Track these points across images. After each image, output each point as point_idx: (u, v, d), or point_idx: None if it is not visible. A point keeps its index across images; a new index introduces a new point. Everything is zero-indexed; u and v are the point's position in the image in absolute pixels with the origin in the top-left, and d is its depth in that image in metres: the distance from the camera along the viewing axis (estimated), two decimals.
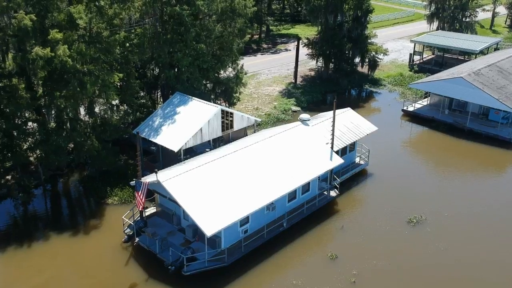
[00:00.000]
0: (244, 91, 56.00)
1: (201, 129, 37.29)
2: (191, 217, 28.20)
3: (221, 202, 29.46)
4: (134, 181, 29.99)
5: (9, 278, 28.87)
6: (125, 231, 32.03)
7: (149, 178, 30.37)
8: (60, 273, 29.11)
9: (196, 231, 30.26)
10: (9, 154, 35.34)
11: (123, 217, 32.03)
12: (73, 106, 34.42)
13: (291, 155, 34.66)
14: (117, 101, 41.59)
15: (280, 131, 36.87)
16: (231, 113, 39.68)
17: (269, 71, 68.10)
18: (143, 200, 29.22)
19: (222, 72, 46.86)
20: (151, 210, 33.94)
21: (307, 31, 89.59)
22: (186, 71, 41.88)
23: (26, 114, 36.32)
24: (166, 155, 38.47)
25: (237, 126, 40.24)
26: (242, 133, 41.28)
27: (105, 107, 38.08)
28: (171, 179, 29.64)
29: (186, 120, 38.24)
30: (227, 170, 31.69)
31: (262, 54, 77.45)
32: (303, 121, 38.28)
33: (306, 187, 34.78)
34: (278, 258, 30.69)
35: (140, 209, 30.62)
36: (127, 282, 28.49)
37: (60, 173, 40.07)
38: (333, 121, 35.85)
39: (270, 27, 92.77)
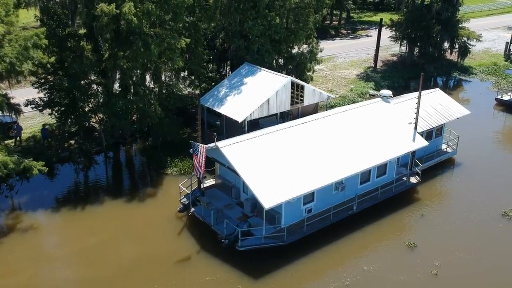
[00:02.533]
0: (318, 70, 52.63)
1: (268, 100, 34.49)
2: (249, 187, 25.47)
3: (284, 174, 26.48)
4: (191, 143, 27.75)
5: (64, 236, 27.81)
6: (181, 200, 29.97)
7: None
8: (113, 237, 27.60)
9: (255, 205, 27.49)
10: (72, 116, 34.50)
11: (180, 185, 29.99)
12: (136, 68, 32.83)
13: (367, 132, 30.90)
14: (185, 73, 39.98)
15: (357, 106, 33.16)
16: (302, 86, 36.52)
17: (347, 55, 64.06)
18: (201, 165, 26.90)
19: (295, 47, 43.76)
20: (210, 181, 31.67)
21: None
22: (257, 42, 39.25)
23: (92, 77, 35.49)
24: (230, 127, 36.07)
25: (307, 100, 37.01)
26: (313, 109, 37.97)
27: (170, 74, 36.29)
28: (231, 145, 27.08)
29: (253, 91, 35.62)
30: (293, 141, 28.61)
31: (340, 39, 73.43)
32: (384, 98, 34.26)
33: (382, 169, 30.88)
34: (345, 243, 27.20)
35: (197, 176, 28.31)
36: (178, 252, 26.33)
37: (123, 141, 38.99)
38: (419, 98, 31.60)
39: (351, 14, 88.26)
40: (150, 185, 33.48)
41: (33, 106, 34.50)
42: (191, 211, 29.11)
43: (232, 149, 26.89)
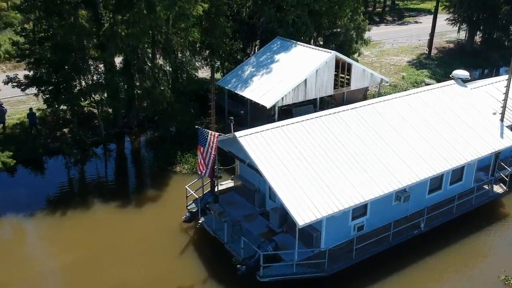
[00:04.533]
0: (363, 56, 44.71)
1: (305, 81, 27.00)
2: (276, 193, 18.11)
3: (325, 178, 19.00)
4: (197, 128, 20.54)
5: (40, 250, 21.27)
6: (188, 206, 22.88)
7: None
8: (99, 253, 20.84)
9: (285, 218, 20.13)
10: (63, 97, 27.80)
11: (186, 186, 22.85)
12: (139, 37, 25.89)
13: (438, 124, 23.02)
14: (204, 52, 32.89)
15: (423, 89, 25.25)
16: (349, 65, 28.81)
17: (395, 41, 55.75)
18: (207, 161, 19.70)
19: (338, 22, 36.07)
20: (228, 183, 24.49)
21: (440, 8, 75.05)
22: (292, 12, 31.83)
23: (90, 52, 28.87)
24: (256, 116, 28.77)
25: (355, 83, 29.29)
26: (361, 95, 30.24)
27: (183, 48, 29.26)
28: (253, 135, 19.78)
29: (286, 70, 28.21)
30: (338, 133, 21.06)
31: (386, 25, 65.11)
32: (459, 80, 26.17)
33: (457, 174, 22.96)
34: (410, 274, 19.58)
35: (202, 174, 21.07)
36: (179, 279, 19.32)
37: (128, 132, 32.25)
38: (508, 81, 23.48)
39: (396, 1, 79.90)
40: (153, 185, 26.56)
41: (14, 84, 28.05)
42: (199, 221, 21.97)
43: (253, 140, 19.58)
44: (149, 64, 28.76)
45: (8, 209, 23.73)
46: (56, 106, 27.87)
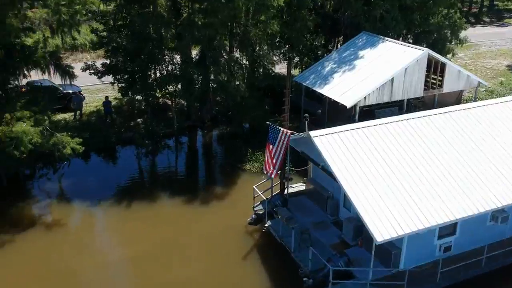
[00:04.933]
0: (456, 58, 40.93)
1: (392, 79, 24.59)
2: (352, 202, 16.09)
3: (409, 189, 16.68)
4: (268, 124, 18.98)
5: (98, 242, 20.72)
6: (255, 208, 21.43)
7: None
8: (156, 249, 19.93)
9: (361, 230, 18.02)
10: (138, 85, 27.33)
11: (254, 186, 21.38)
12: (216, 27, 24.81)
13: None
14: (284, 48, 31.29)
15: None
16: (443, 65, 25.92)
17: (492, 43, 51.02)
18: (275, 160, 18.06)
19: (431, 19, 32.97)
20: (299, 186, 22.76)
21: None
22: (381, 6, 29.37)
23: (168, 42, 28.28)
24: (334, 115, 26.75)
25: (449, 86, 26.37)
26: (454, 99, 27.18)
27: (259, 40, 27.84)
28: (329, 136, 17.87)
29: (370, 68, 25.92)
30: (424, 140, 18.56)
31: (482, 26, 59.99)
32: None
33: None
34: None
35: (268, 175, 19.39)
36: (237, 286, 17.85)
37: (201, 125, 31.45)
38: None
39: (495, 2, 73.65)
40: (221, 182, 25.45)
41: (92, 72, 28.11)
42: (265, 225, 20.42)
43: (329, 141, 17.66)
44: (225, 57, 27.67)
45: (78, 196, 23.60)
46: (130, 95, 27.54)
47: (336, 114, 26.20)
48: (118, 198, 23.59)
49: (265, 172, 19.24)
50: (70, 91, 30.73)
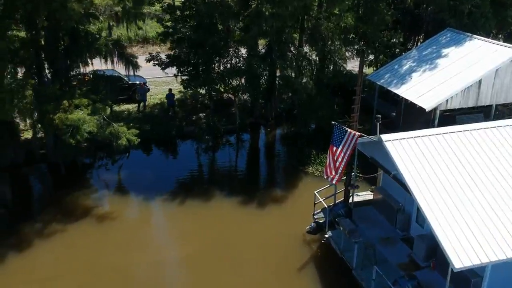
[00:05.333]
0: None
1: (479, 81, 21.76)
2: (427, 219, 13.84)
3: (497, 210, 14.14)
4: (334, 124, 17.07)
5: (144, 240, 19.82)
6: (315, 215, 19.59)
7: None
8: (211, 247, 18.85)
9: (434, 250, 15.69)
10: (201, 78, 26.32)
11: (315, 192, 19.52)
12: (285, 19, 23.19)
13: None
14: (360, 44, 29.05)
15: None
16: None
17: None
18: (338, 164, 16.11)
19: None
20: (366, 195, 20.63)
21: None
22: (470, 0, 26.34)
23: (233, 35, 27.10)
24: (410, 119, 24.28)
25: None
26: None
27: (331, 34, 25.85)
28: (403, 140, 15.68)
29: (455, 68, 23.17)
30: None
31: None
32: None
33: None
34: None
35: (330, 180, 17.36)
36: None
37: (264, 123, 29.99)
38: None
39: None
40: (281, 185, 23.87)
41: (156, 63, 27.46)
42: (325, 236, 18.53)
43: (404, 147, 15.47)
44: (293, 51, 25.97)
45: (134, 188, 22.94)
46: (192, 88, 26.62)
47: (413, 118, 23.70)
48: (173, 193, 22.66)
49: (325, 177, 17.32)
50: (137, 82, 30.37)
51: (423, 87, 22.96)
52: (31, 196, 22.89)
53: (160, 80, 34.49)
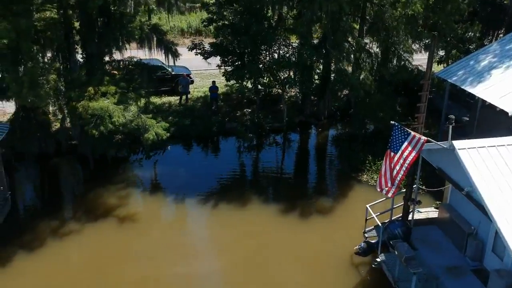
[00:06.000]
0: None
1: None
2: (511, 253, 10.54)
3: None
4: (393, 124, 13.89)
5: (199, 241, 17.55)
6: (366, 234, 16.53)
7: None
8: (246, 260, 16.40)
9: None
10: (247, 68, 23.72)
11: (368, 206, 16.40)
12: (339, 2, 20.18)
13: None
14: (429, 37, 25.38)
15: None
16: None
17: None
18: (395, 176, 12.93)
19: None
20: (430, 212, 17.28)
21: None
22: None
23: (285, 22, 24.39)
24: (487, 123, 20.48)
25: None
26: None
27: (396, 23, 22.44)
28: (481, 149, 12.41)
29: None
30: None
31: None
32: None
33: None
34: None
35: (386, 193, 14.07)
36: None
37: (315, 122, 27.08)
38: None
39: None
40: (329, 193, 20.94)
41: (198, 51, 25.22)
42: (377, 259, 15.39)
43: (482, 157, 12.17)
44: (351, 41, 22.86)
45: (166, 187, 21.03)
46: (235, 80, 24.12)
47: (490, 123, 19.93)
48: (209, 195, 20.32)
49: (378, 189, 14.19)
50: (184, 73, 28.30)
51: (505, 86, 19.14)
52: (53, 189, 21.25)
53: (207, 73, 32.38)
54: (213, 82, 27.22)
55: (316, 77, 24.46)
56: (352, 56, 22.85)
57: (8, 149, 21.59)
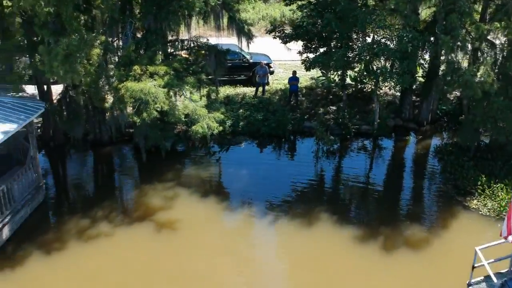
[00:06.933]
0: None
1: None
2: None
3: None
4: None
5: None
6: (470, 286, 11.72)
7: None
8: None
9: None
10: (333, 56, 19.46)
11: (477, 248, 11.56)
12: None
13: None
14: None
15: None
16: None
17: None
18: None
19: None
20: None
21: None
22: None
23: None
24: None
25: None
26: None
27: None
28: None
29: None
30: None
31: None
32: None
33: None
34: None
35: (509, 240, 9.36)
36: None
37: (415, 128, 22.17)
38: None
39: None
40: (424, 220, 16.21)
41: (277, 35, 21.51)
42: None
43: None
44: (468, 28, 17.72)
45: (222, 192, 17.85)
46: (317, 69, 20.09)
47: None
48: (272, 205, 16.82)
49: (502, 235, 9.42)
50: (262, 61, 24.86)
51: None
52: (94, 182, 18.81)
53: (292, 64, 28.54)
54: (294, 72, 23.36)
55: (420, 70, 19.62)
56: (469, 46, 17.73)
57: (60, 133, 19.73)
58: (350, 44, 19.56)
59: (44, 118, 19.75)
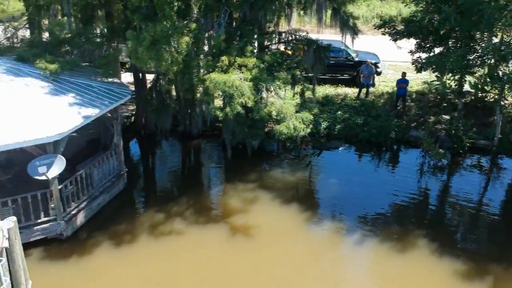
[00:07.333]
0: None
1: None
2: None
3: None
4: None
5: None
6: None
7: None
8: None
9: None
10: (451, 58, 16.82)
11: None
12: None
13: None
14: None
15: None
16: None
17: None
18: None
19: None
20: None
21: None
22: None
23: None
24: None
25: None
26: None
27: None
28: None
29: None
30: None
31: None
32: None
33: None
34: None
35: None
36: None
37: None
38: None
39: None
40: (492, 265, 13.13)
41: (387, 31, 19.25)
42: None
43: None
44: None
45: (307, 199, 16.08)
46: (429, 70, 17.53)
47: None
48: (361, 222, 14.87)
49: None
50: (369, 60, 22.75)
51: None
52: (175, 176, 18.13)
53: (404, 66, 25.95)
54: (403, 74, 20.92)
55: None
56: None
57: (151, 122, 19.47)
58: (472, 44, 16.73)
59: (137, 106, 19.68)
